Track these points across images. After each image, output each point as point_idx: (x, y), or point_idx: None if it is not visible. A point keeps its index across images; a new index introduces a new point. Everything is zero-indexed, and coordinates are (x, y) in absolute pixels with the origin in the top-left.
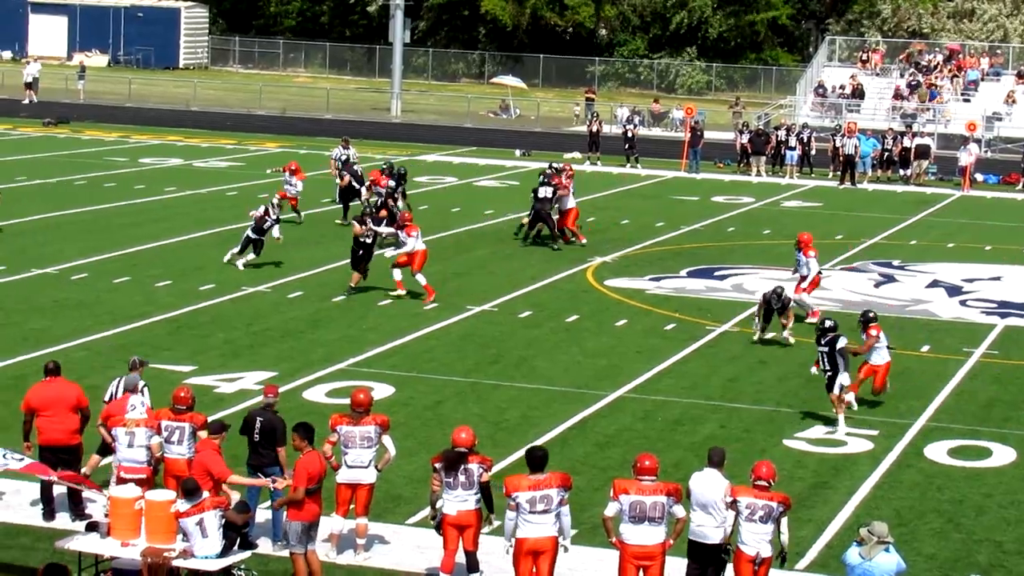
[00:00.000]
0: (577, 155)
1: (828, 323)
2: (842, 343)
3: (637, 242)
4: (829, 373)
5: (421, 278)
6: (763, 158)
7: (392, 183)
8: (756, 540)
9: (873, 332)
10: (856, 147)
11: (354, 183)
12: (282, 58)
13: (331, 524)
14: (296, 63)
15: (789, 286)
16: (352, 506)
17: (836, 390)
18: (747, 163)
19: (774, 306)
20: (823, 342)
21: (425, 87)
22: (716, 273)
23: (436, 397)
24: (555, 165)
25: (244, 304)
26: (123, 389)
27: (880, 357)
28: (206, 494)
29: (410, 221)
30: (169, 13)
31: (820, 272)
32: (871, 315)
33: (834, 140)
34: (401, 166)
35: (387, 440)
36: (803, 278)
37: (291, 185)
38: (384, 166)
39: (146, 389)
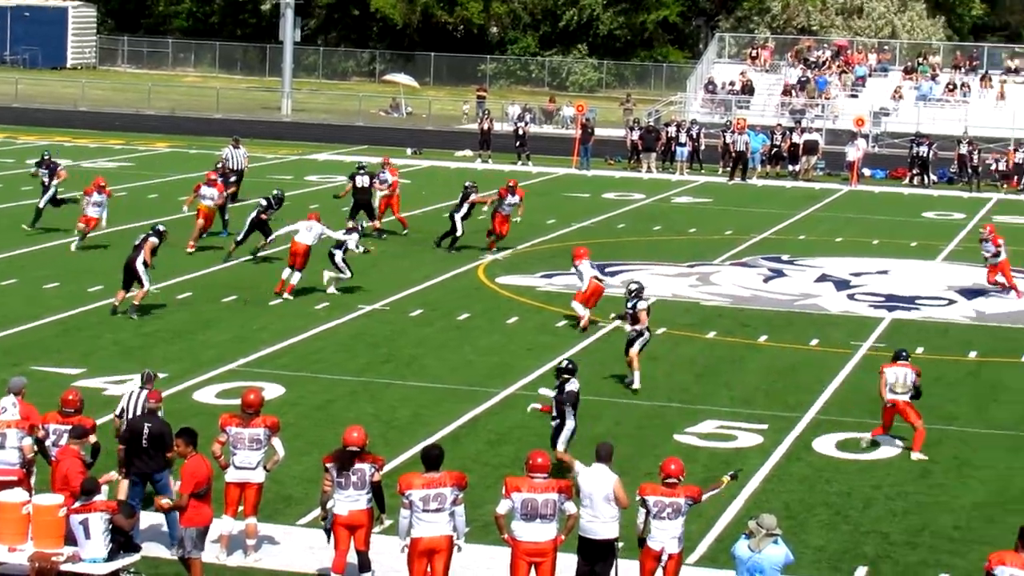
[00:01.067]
0: (468, 153)
1: (565, 363)
2: (572, 386)
3: (528, 239)
4: (556, 422)
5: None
6: (653, 155)
7: (263, 202)
8: (664, 536)
9: (883, 367)
10: (747, 143)
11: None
12: (171, 58)
13: (221, 525)
14: (186, 63)
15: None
16: (242, 507)
17: (561, 447)
18: (637, 160)
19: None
20: (556, 384)
21: (316, 86)
22: (607, 270)
23: (327, 396)
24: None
25: None
26: (10, 395)
27: (891, 393)
28: (100, 496)
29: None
30: (56, 13)
31: (597, 278)
32: (904, 353)
33: (724, 136)
34: (279, 190)
35: (276, 442)
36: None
37: (97, 206)
38: (217, 166)
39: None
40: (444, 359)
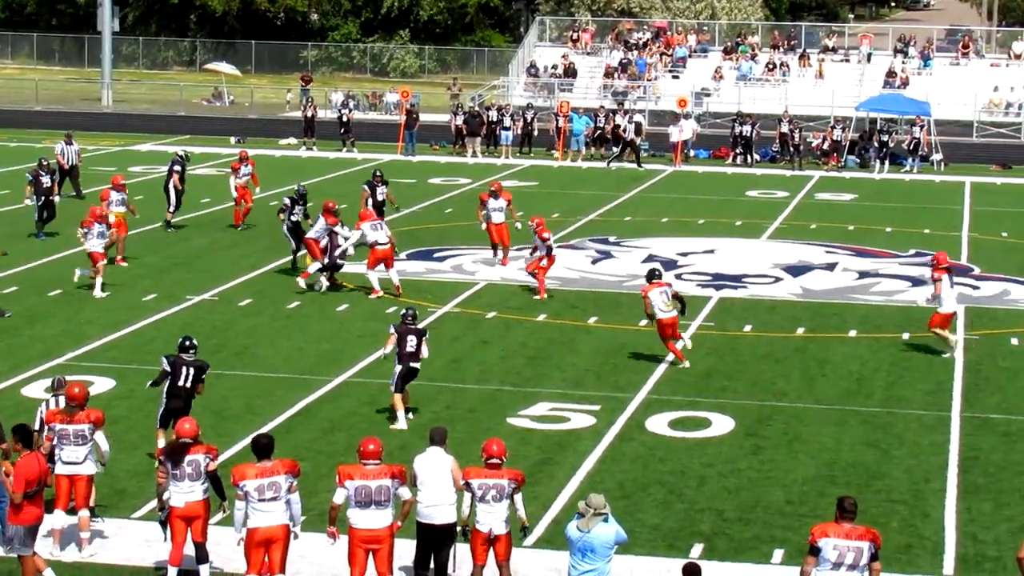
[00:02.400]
0: (292, 140)
1: (187, 341)
2: (165, 365)
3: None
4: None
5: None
6: (478, 139)
7: (287, 201)
8: (490, 519)
9: (643, 291)
10: (637, 126)
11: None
12: None
13: (52, 520)
14: (2, 55)
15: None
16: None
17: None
18: (463, 145)
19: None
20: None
21: (137, 76)
22: (435, 255)
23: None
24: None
25: None
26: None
27: (660, 313)
28: None
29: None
30: None
31: (383, 244)
32: (656, 272)
33: (557, 120)
34: (300, 185)
35: (100, 436)
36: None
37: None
38: (44, 162)
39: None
40: (275, 348)
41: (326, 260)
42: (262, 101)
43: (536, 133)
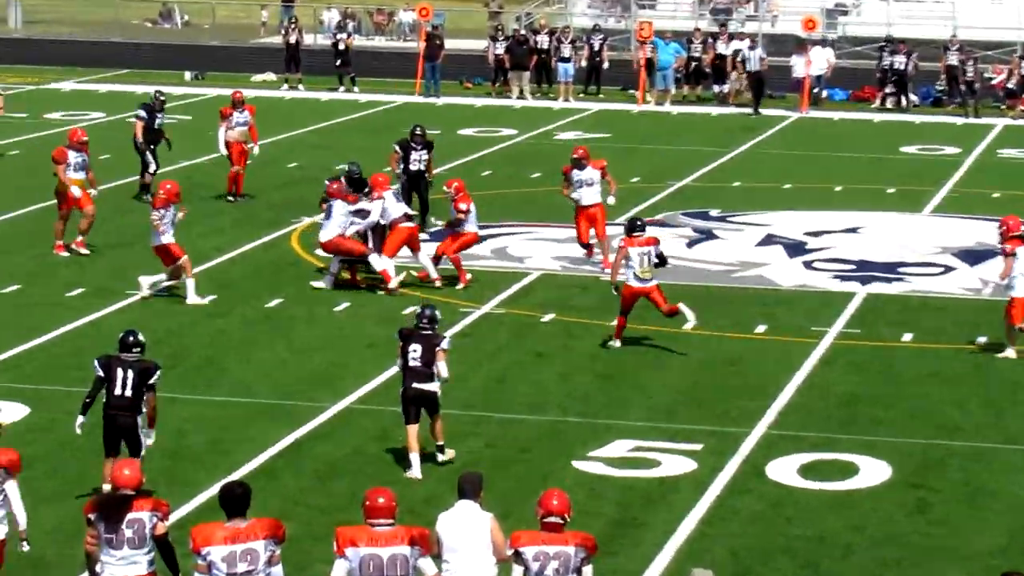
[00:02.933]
0: (271, 76)
1: (131, 336)
2: (97, 370)
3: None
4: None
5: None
6: (527, 75)
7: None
8: None
9: (623, 244)
10: (762, 58)
11: None
12: None
13: None
14: None
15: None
16: None
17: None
18: (506, 82)
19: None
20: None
21: None
22: None
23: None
24: None
25: None
26: None
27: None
28: None
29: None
30: None
31: (408, 215)
32: (640, 223)
33: (644, 47)
34: (354, 164)
35: (11, 488)
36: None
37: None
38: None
39: None
40: (250, 362)
41: (372, 252)
42: (227, 22)
43: (607, 66)
